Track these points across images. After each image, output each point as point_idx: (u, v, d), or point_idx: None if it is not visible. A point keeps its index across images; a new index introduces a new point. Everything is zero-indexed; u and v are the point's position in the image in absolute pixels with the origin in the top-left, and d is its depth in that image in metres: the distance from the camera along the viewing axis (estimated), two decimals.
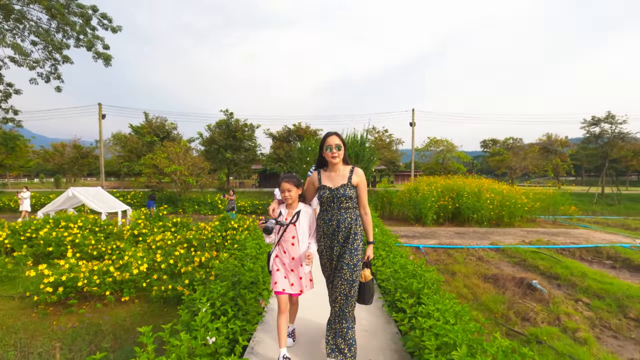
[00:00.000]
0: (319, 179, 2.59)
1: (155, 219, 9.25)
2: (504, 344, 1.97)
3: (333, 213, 2.49)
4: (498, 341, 2.00)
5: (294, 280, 2.58)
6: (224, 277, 3.58)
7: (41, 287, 4.90)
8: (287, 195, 2.55)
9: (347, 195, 2.46)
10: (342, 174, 2.54)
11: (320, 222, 2.55)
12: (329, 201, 2.50)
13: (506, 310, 4.86)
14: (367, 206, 2.58)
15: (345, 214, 2.48)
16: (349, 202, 2.50)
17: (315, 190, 2.64)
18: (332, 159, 2.49)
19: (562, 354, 3.51)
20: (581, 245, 9.57)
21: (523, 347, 2.00)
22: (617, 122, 26.26)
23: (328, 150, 2.49)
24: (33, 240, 7.47)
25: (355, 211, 2.54)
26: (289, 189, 2.54)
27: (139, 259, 5.62)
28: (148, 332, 2.12)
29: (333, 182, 2.52)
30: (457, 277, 6.71)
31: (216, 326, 2.43)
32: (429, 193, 14.00)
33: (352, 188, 2.49)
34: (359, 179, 2.53)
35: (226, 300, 3.01)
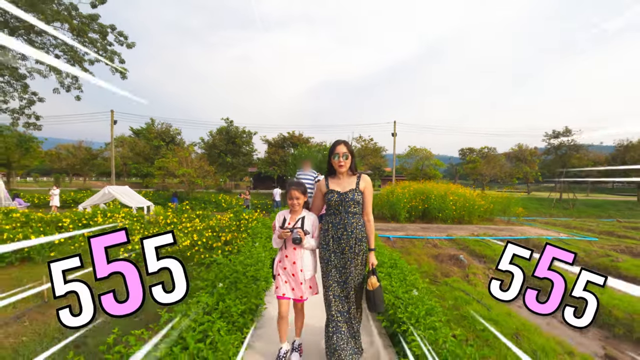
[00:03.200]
0: (327, 184, 2.60)
1: (180, 212, 11.23)
2: (412, 269, 4.09)
3: (341, 217, 2.50)
4: (411, 268, 4.11)
5: (295, 285, 2.57)
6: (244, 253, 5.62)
7: (120, 254, 6.88)
8: (296, 203, 2.58)
9: (355, 200, 2.48)
10: (350, 181, 2.57)
11: (329, 226, 2.54)
12: (337, 205, 2.51)
13: (436, 272, 7.02)
14: (370, 213, 2.59)
15: (353, 219, 2.49)
16: (357, 207, 2.52)
17: (322, 196, 2.64)
18: (339, 167, 2.53)
19: (457, 289, 5.67)
20: (514, 237, 11.87)
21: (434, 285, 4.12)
22: (573, 135, 29.16)
23: (335, 158, 2.53)
24: (90, 225, 9.39)
25: (361, 217, 2.56)
26: (297, 196, 2.57)
27: (181, 238, 7.64)
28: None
29: (341, 186, 2.54)
30: (411, 255, 8.86)
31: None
32: (402, 195, 16.22)
33: (360, 193, 2.52)
34: (366, 185, 2.56)
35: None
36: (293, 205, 2.59)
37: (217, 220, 9.63)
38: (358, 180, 2.55)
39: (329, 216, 2.57)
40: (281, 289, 2.57)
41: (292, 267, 2.56)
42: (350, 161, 2.54)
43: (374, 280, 2.47)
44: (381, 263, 4.67)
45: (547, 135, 30.63)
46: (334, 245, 2.50)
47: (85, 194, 20.83)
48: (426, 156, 35.36)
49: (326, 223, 2.57)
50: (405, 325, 2.82)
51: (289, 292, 2.57)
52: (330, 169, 2.63)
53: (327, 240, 2.53)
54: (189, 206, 11.78)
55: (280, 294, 2.56)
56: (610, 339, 4.59)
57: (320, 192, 2.64)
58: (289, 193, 2.58)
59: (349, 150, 2.54)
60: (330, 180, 2.60)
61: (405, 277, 3.95)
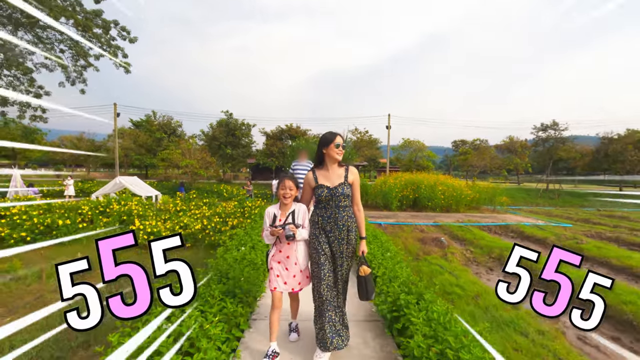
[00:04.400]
0: (315, 178, 2.58)
1: (188, 200, 12.03)
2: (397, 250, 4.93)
3: (332, 211, 2.51)
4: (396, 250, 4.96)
5: (288, 278, 2.59)
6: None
7: (140, 236, 7.70)
8: (288, 193, 2.56)
9: (345, 194, 2.49)
10: (338, 173, 2.56)
11: (319, 219, 2.55)
12: (327, 200, 2.51)
13: (419, 251, 7.91)
14: (360, 203, 2.63)
15: (343, 212, 2.51)
16: (346, 201, 2.53)
17: (312, 190, 2.63)
18: (338, 156, 2.53)
19: (434, 264, 6.56)
20: (495, 223, 12.81)
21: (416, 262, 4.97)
22: (560, 129, 30.09)
23: (338, 148, 2.51)
24: (106, 212, 10.18)
25: (351, 209, 2.59)
26: (290, 187, 2.56)
27: (193, 222, 8.46)
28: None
29: (330, 180, 2.53)
30: (399, 239, 9.75)
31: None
32: (394, 185, 17.09)
33: (349, 186, 2.53)
34: (354, 177, 2.57)
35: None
36: (285, 196, 2.56)
37: (223, 208, 10.45)
38: (346, 173, 2.56)
39: (319, 209, 2.58)
40: (273, 282, 2.58)
41: (286, 261, 2.57)
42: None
43: (365, 267, 2.51)
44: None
45: (536, 128, 31.58)
46: (325, 237, 2.53)
47: (93, 184, 21.53)
48: (419, 148, 36.23)
49: (316, 216, 2.58)
50: (375, 270, 3.66)
51: (281, 286, 2.58)
52: (319, 159, 2.61)
53: (317, 232, 2.54)
54: (195, 195, 12.57)
55: (272, 288, 2.58)
56: None
57: (309, 186, 2.62)
58: (282, 183, 2.56)
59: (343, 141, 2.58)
60: (318, 173, 2.58)
61: (382, 244, 4.82)
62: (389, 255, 4.33)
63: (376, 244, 4.87)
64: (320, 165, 2.61)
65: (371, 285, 2.53)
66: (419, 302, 2.84)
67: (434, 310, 2.60)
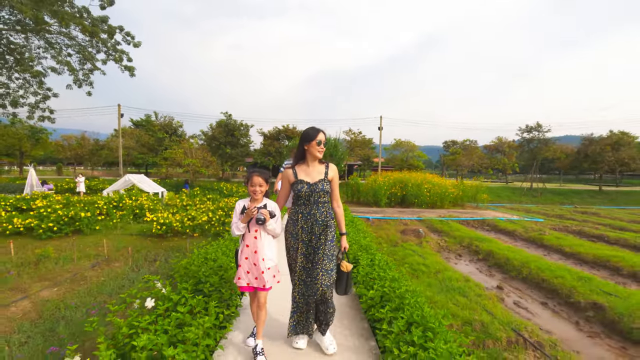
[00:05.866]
0: (295, 173, 2.53)
1: (192, 196, 12.98)
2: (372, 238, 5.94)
3: (311, 207, 2.48)
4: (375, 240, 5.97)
5: (257, 274, 2.46)
6: None
7: (154, 226, 8.66)
8: (258, 190, 2.45)
9: (324, 190, 2.47)
10: (318, 169, 2.53)
11: (299, 216, 2.51)
12: (307, 196, 2.47)
13: (398, 240, 8.96)
14: (339, 199, 2.61)
15: (322, 208, 2.49)
16: (326, 197, 2.52)
17: (289, 186, 2.58)
18: (319, 153, 2.49)
19: (408, 249, 7.60)
20: (473, 218, 13.90)
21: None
22: (543, 130, 31.33)
23: (319, 145, 2.47)
24: (120, 207, 11.11)
25: (330, 205, 2.57)
26: (260, 183, 2.45)
27: (199, 215, 9.43)
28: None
29: (311, 176, 2.50)
30: (383, 230, 10.78)
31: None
32: (383, 184, 18.15)
33: (328, 183, 2.51)
34: (334, 174, 2.55)
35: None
36: (255, 193, 2.45)
37: (225, 203, 11.42)
38: (327, 169, 2.54)
39: (298, 206, 2.53)
40: (244, 279, 2.46)
41: (254, 256, 2.45)
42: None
43: (346, 262, 2.53)
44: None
45: (521, 130, 32.83)
46: (303, 234, 2.49)
47: (98, 181, 22.40)
48: (410, 148, 37.33)
49: (295, 213, 2.53)
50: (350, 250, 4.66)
51: (252, 282, 2.46)
52: (300, 156, 2.56)
53: (296, 230, 2.51)
54: (199, 192, 13.51)
55: (243, 284, 2.46)
56: (507, 279, 6.54)
57: (288, 181, 2.56)
58: (251, 179, 2.45)
59: (326, 138, 2.55)
60: (298, 169, 2.54)
61: (358, 228, 5.84)
62: (361, 235, 5.34)
63: (352, 227, 5.88)
64: (301, 161, 2.57)
65: (349, 283, 2.58)
66: (372, 261, 3.85)
67: (377, 258, 3.64)
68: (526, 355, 3.37)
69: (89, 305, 4.69)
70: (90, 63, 22.66)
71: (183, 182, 22.27)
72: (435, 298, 4.51)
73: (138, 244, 8.32)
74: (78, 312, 4.49)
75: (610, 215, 17.87)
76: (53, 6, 17.25)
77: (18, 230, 8.53)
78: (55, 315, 4.46)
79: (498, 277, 6.64)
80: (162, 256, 7.37)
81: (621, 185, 42.05)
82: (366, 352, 2.61)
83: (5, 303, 4.76)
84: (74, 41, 20.89)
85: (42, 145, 30.52)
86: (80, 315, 4.38)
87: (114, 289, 5.48)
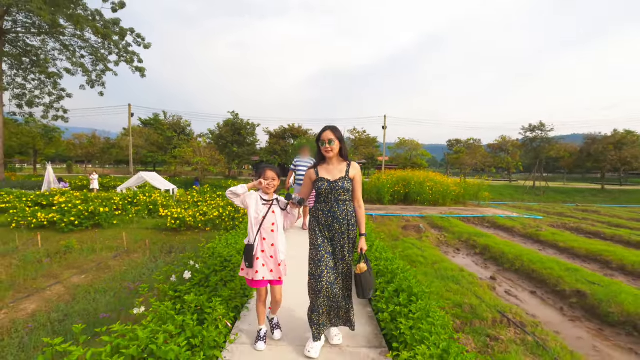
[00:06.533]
0: (316, 171, 2.55)
1: (203, 193, 13.48)
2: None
3: (331, 205, 2.48)
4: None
5: (273, 266, 2.53)
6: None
7: (168, 220, 9.14)
8: (271, 184, 2.52)
9: (344, 188, 2.46)
10: (340, 168, 2.53)
11: (319, 214, 2.52)
12: (327, 193, 2.48)
13: (400, 235, 9.36)
14: (361, 199, 2.58)
15: (343, 206, 2.48)
16: (346, 195, 2.50)
17: (312, 185, 2.59)
18: (325, 152, 2.49)
19: (408, 243, 8.00)
20: (474, 215, 14.23)
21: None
22: (546, 129, 31.45)
23: (322, 145, 2.49)
24: (135, 202, 11.63)
25: (351, 204, 2.55)
26: (273, 177, 2.52)
27: (211, 210, 9.90)
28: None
29: (331, 174, 2.51)
30: (386, 226, 11.18)
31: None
32: (387, 181, 18.53)
33: (350, 181, 2.50)
34: (356, 173, 2.54)
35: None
36: (268, 187, 2.53)
37: None
38: (348, 168, 2.53)
39: (319, 204, 2.55)
40: (260, 272, 2.49)
41: (271, 249, 2.51)
42: (337, 147, 2.52)
43: (362, 264, 2.46)
44: None
45: (524, 129, 32.95)
46: (324, 231, 2.51)
47: (110, 179, 23.02)
48: (414, 147, 37.61)
49: (316, 211, 2.55)
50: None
51: (267, 275, 2.51)
52: (320, 156, 2.59)
53: (317, 227, 2.52)
54: (209, 188, 14.00)
55: (259, 278, 2.49)
56: (501, 270, 6.92)
57: (310, 180, 2.59)
58: (265, 173, 2.53)
59: (336, 137, 2.49)
60: (319, 168, 2.57)
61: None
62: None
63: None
64: (323, 161, 2.60)
65: (368, 284, 2.46)
66: (371, 246, 4.27)
67: (376, 245, 4.06)
68: (508, 332, 3.76)
69: (116, 290, 5.17)
70: (103, 64, 23.27)
71: (192, 180, 22.85)
72: (431, 285, 4.91)
73: (154, 237, 8.81)
74: (107, 295, 4.97)
75: (610, 214, 18.10)
76: (68, 10, 17.85)
77: (42, 224, 9.06)
78: (87, 297, 4.94)
79: (492, 269, 7.01)
80: (177, 249, 7.85)
81: (627, 184, 41.96)
82: (364, 316, 3.16)
83: (42, 287, 5.27)
84: (87, 43, 21.51)
85: (54, 144, 31.34)
86: (109, 298, 4.86)
87: (135, 276, 5.96)
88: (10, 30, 19.68)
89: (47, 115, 24.45)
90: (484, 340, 3.53)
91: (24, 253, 6.97)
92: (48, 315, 4.32)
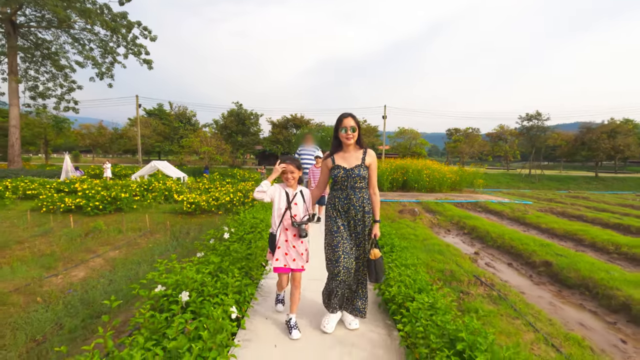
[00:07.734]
0: (332, 159, 2.55)
1: (213, 180, 14.25)
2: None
3: (347, 192, 2.49)
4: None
5: (296, 256, 2.57)
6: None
7: (184, 205, 9.93)
8: (290, 177, 2.56)
9: (360, 175, 2.47)
10: (356, 156, 2.54)
11: (335, 201, 2.54)
12: (343, 181, 2.49)
13: (395, 218, 10.13)
14: (376, 186, 2.60)
15: (359, 194, 2.50)
16: (362, 182, 2.51)
17: (329, 172, 2.60)
18: (346, 139, 2.48)
19: (402, 223, 8.77)
20: (467, 200, 14.99)
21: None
22: (543, 119, 31.91)
23: (343, 132, 2.46)
24: (150, 189, 12.41)
25: (367, 191, 2.57)
26: (292, 170, 2.55)
27: (222, 195, 10.68)
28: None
29: (348, 162, 2.51)
30: (384, 211, 11.94)
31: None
32: (386, 169, 19.25)
33: (365, 169, 2.51)
34: (372, 160, 2.55)
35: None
36: (288, 180, 2.57)
37: (243, 186, 12.67)
38: (364, 155, 2.54)
39: (335, 191, 2.57)
40: (281, 260, 2.55)
41: (294, 239, 2.56)
42: (357, 134, 2.52)
43: (376, 250, 2.51)
44: None
45: (521, 118, 33.44)
46: (341, 218, 2.53)
47: (121, 168, 23.82)
48: (413, 136, 38.15)
49: (332, 198, 2.57)
50: None
51: (290, 263, 2.56)
52: (336, 143, 2.58)
53: (334, 214, 2.55)
54: (218, 176, 14.77)
55: (280, 265, 2.55)
56: (484, 247, 7.70)
57: (327, 168, 2.60)
58: (285, 168, 2.56)
59: (356, 123, 2.48)
60: (336, 155, 2.58)
61: None
62: None
63: None
64: (339, 149, 2.61)
65: (380, 269, 2.53)
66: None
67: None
68: (478, 289, 4.54)
69: (149, 262, 5.98)
70: (112, 57, 23.79)
71: (199, 169, 23.68)
72: (419, 257, 5.69)
73: (172, 220, 9.61)
74: (142, 266, 5.78)
75: (599, 200, 18.80)
76: (79, 4, 18.33)
77: (69, 208, 9.86)
78: (125, 267, 5.74)
79: (477, 246, 7.78)
80: (194, 229, 8.65)
81: (624, 172, 42.50)
82: None
83: (85, 259, 6.08)
84: (96, 36, 22.00)
85: (64, 134, 32.05)
86: (145, 267, 5.67)
87: (162, 251, 6.76)
88: (24, 24, 20.19)
89: (59, 106, 25.06)
90: (457, 294, 4.32)
91: (60, 233, 7.78)
92: (97, 280, 5.12)
